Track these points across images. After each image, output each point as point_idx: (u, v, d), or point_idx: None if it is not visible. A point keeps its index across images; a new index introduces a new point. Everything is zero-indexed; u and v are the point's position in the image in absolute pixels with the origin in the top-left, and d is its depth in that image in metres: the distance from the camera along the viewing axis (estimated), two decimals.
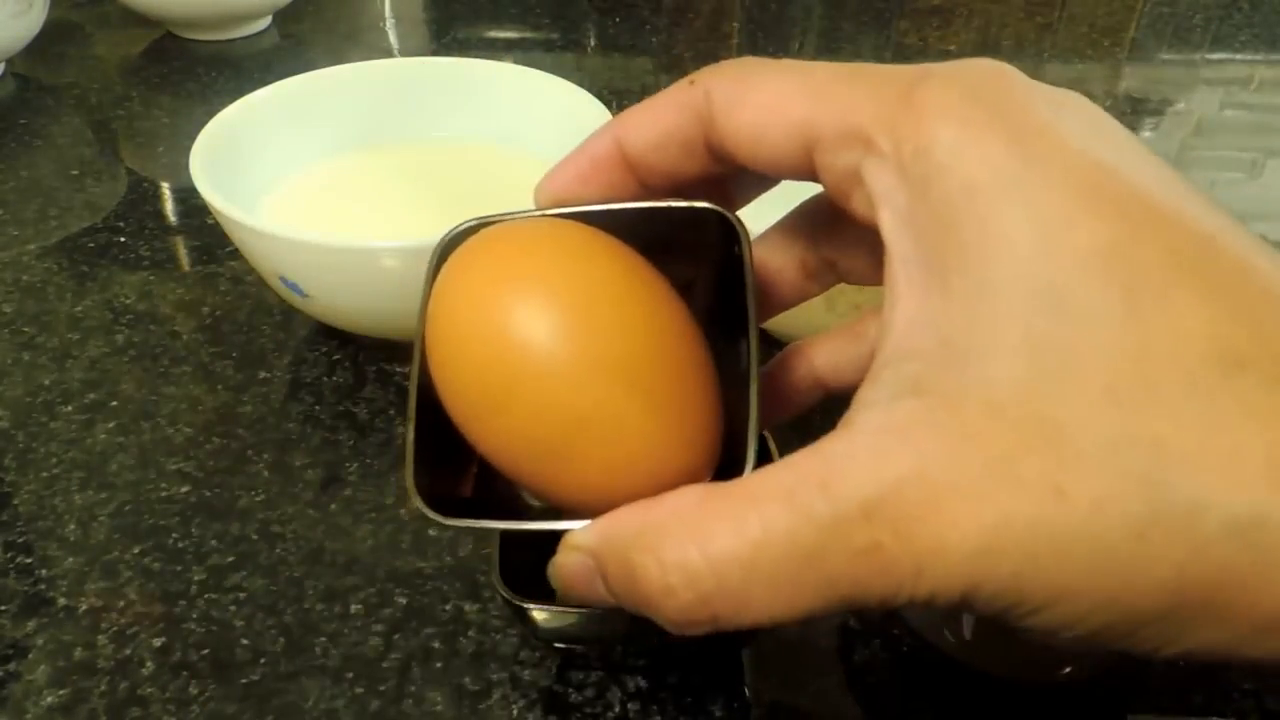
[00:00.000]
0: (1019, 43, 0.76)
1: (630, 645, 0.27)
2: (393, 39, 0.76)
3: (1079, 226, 0.15)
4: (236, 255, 0.46)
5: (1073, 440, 0.14)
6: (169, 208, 0.52)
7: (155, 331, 0.42)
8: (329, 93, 0.46)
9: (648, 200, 0.22)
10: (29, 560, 0.32)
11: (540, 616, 0.26)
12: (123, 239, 0.48)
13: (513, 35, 0.76)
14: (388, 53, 0.73)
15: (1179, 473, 0.14)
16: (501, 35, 0.76)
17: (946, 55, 0.73)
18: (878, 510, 0.15)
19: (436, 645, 0.29)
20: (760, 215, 0.23)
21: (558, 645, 0.28)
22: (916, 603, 0.15)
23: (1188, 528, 0.14)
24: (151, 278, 0.45)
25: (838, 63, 0.18)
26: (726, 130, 0.19)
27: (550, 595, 0.30)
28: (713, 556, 0.16)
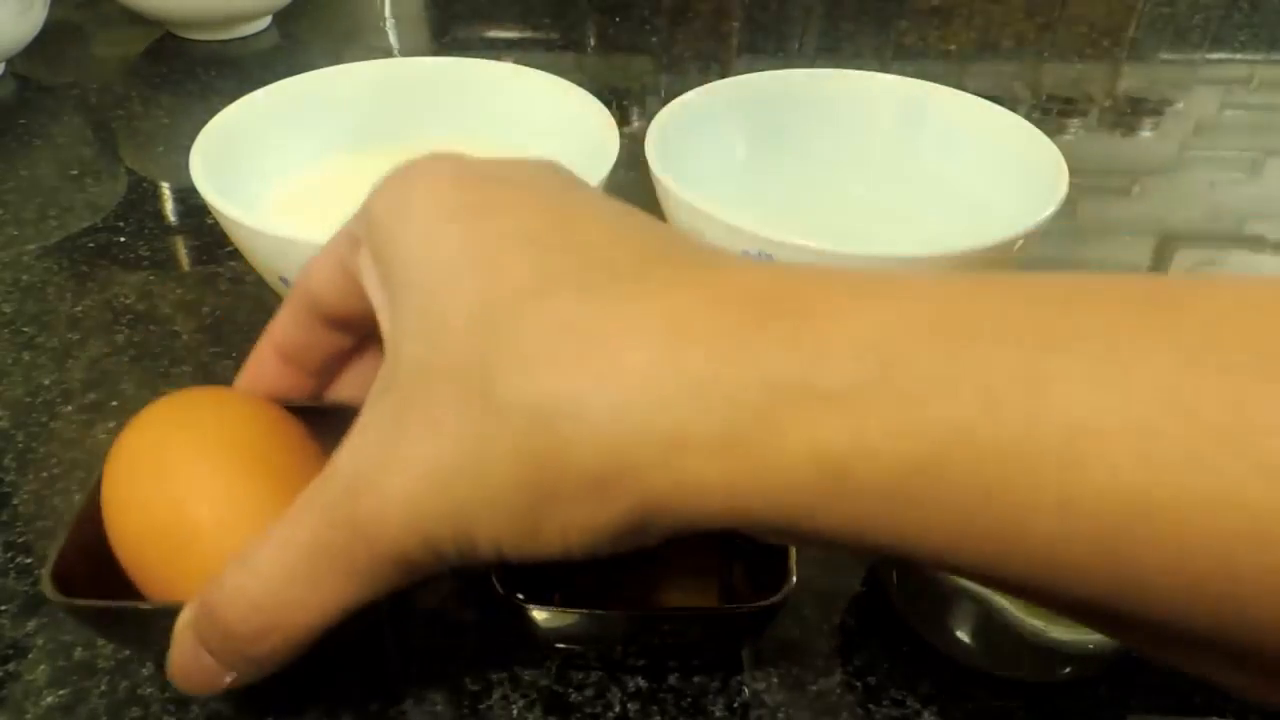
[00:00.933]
0: (1019, 43, 0.76)
1: (630, 645, 0.27)
2: (392, 39, 0.76)
3: (447, 243, 0.18)
4: (236, 255, 0.46)
5: (442, 389, 0.17)
6: (169, 208, 0.52)
7: (155, 331, 0.42)
8: (329, 92, 0.46)
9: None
10: (29, 560, 0.32)
11: (540, 616, 0.26)
12: (123, 239, 0.48)
13: (513, 35, 0.76)
14: (387, 53, 0.73)
15: (516, 384, 0.16)
16: (501, 35, 0.76)
17: (947, 55, 0.73)
18: (352, 496, 0.18)
19: (436, 645, 0.29)
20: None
21: (558, 645, 0.28)
22: (441, 562, 0.18)
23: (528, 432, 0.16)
24: (151, 278, 0.45)
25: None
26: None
27: (550, 595, 0.30)
28: (256, 568, 0.19)
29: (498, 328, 0.17)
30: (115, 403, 0.38)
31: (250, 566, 0.19)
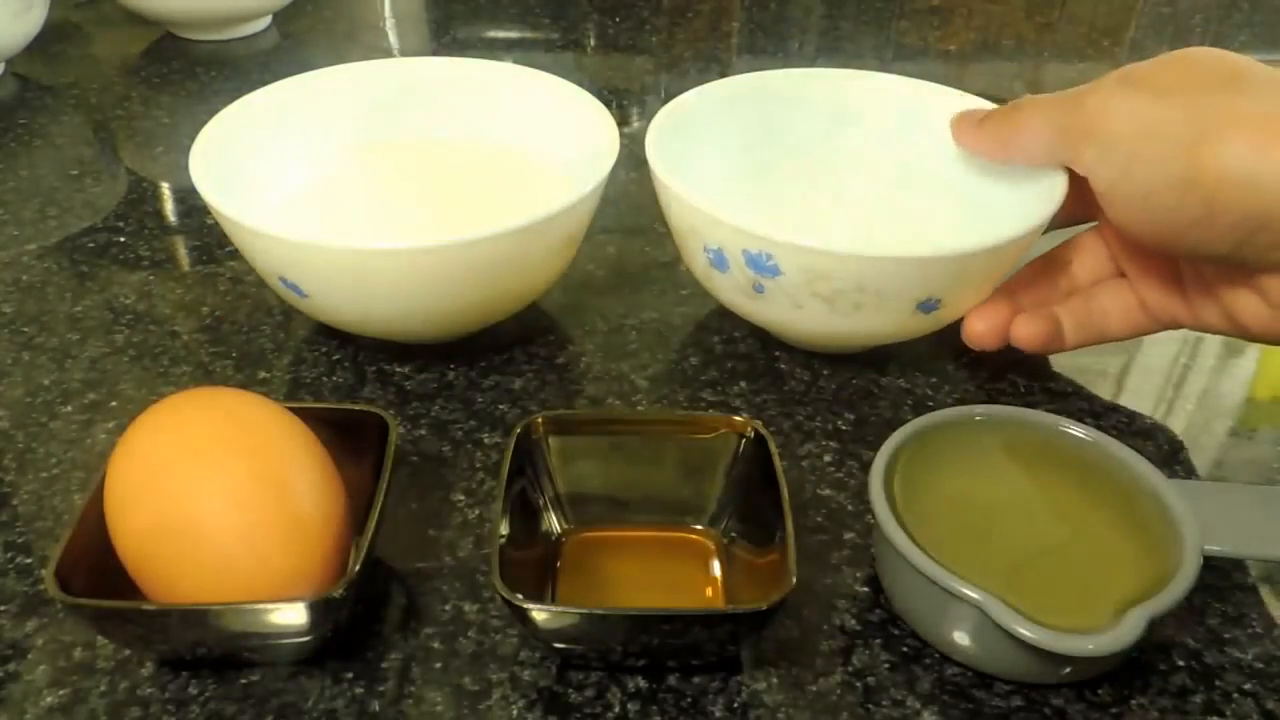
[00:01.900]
0: (1019, 43, 0.76)
1: (630, 645, 0.27)
2: (393, 39, 0.76)
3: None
4: (236, 255, 0.46)
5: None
6: (169, 208, 0.52)
7: (155, 331, 0.42)
8: (329, 92, 0.46)
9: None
10: (29, 560, 0.32)
11: (540, 616, 0.26)
12: (123, 239, 0.48)
13: (513, 35, 0.76)
14: (388, 53, 0.73)
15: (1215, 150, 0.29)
16: (501, 35, 0.76)
17: (946, 55, 0.73)
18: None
19: (436, 645, 0.29)
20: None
21: (558, 645, 0.28)
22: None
23: None
24: (151, 278, 0.45)
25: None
26: None
27: (550, 595, 0.30)
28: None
29: (1205, 114, 0.28)
30: (115, 403, 0.38)
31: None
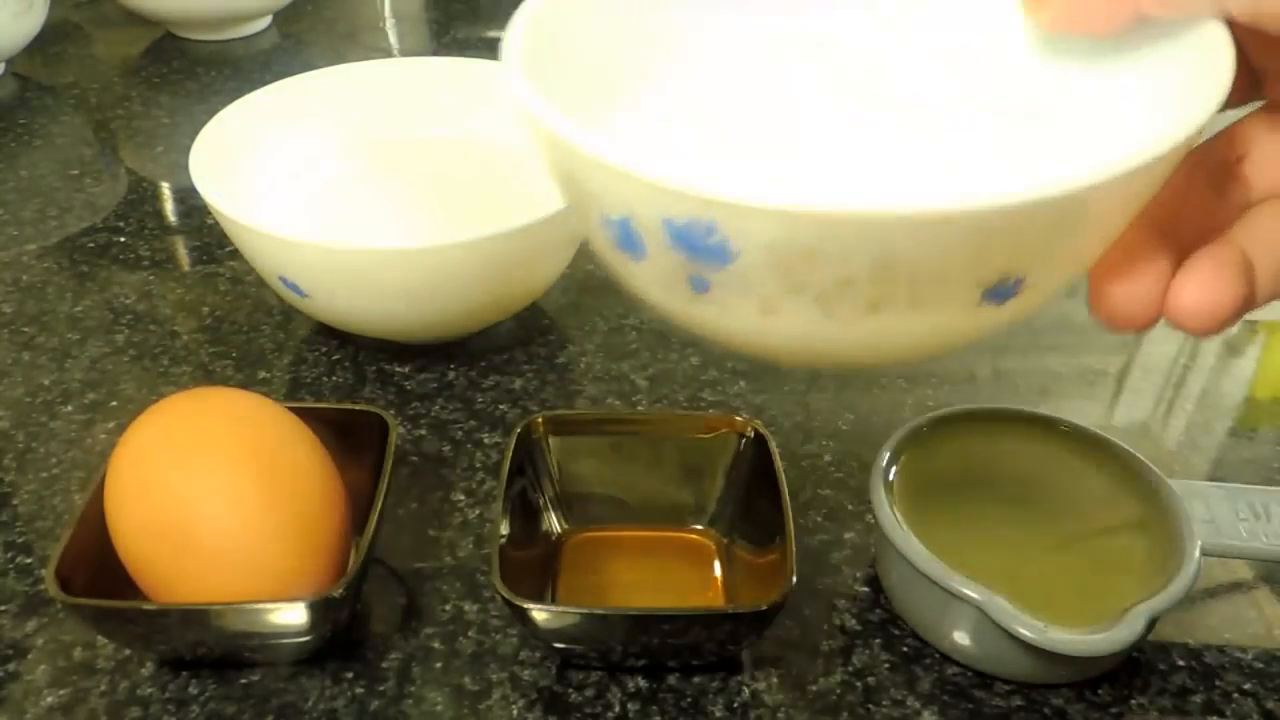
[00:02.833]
0: None
1: (630, 645, 0.27)
2: (393, 39, 0.76)
3: None
4: (236, 255, 0.46)
5: None
6: (169, 208, 0.52)
7: (155, 331, 0.42)
8: (329, 93, 0.46)
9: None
10: (29, 560, 0.32)
11: (540, 616, 0.26)
12: (123, 239, 0.48)
13: None
14: (388, 53, 0.73)
15: None
16: (501, 35, 0.76)
17: None
18: None
19: (436, 645, 0.29)
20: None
21: (558, 645, 0.28)
22: None
23: None
24: (151, 278, 0.45)
25: None
26: None
27: (550, 595, 0.30)
28: None
29: None
30: (115, 403, 0.38)
31: None
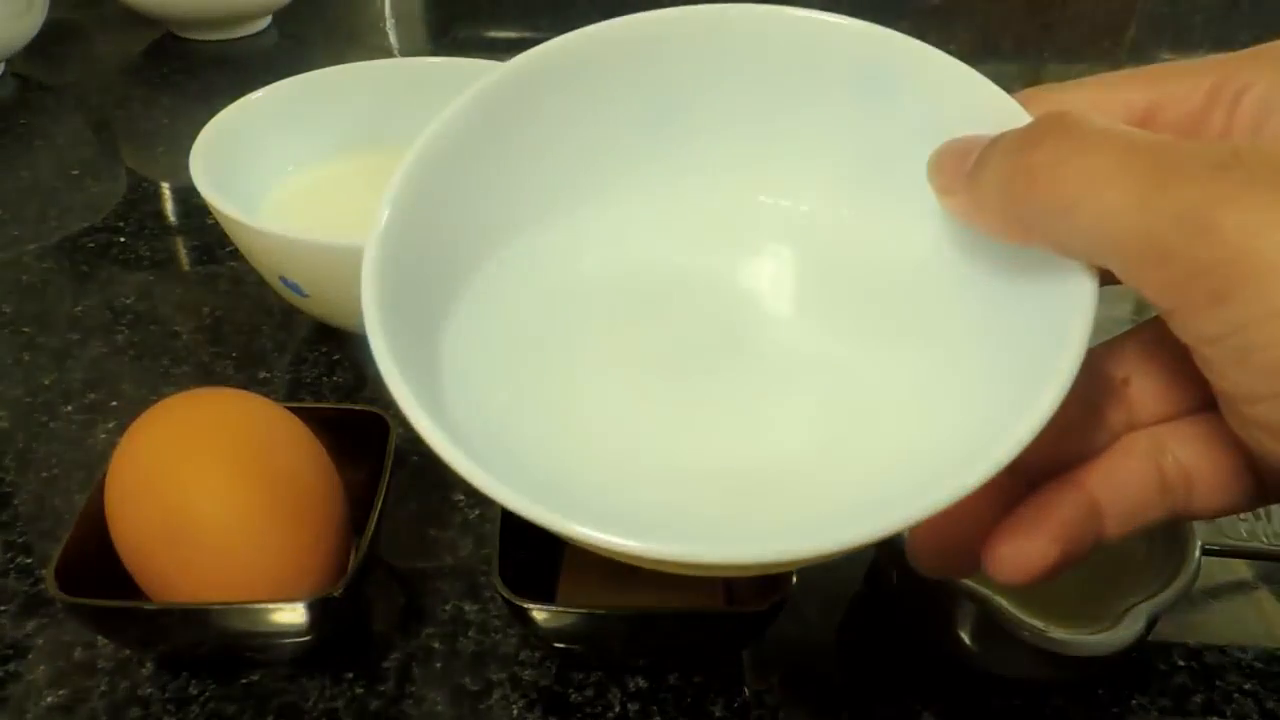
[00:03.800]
0: (1019, 43, 0.76)
1: (630, 645, 0.27)
2: (393, 39, 0.76)
3: None
4: (236, 255, 0.46)
5: None
6: (169, 208, 0.52)
7: (155, 331, 0.42)
8: (329, 93, 0.45)
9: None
10: (29, 560, 0.32)
11: (540, 616, 0.26)
12: (123, 239, 0.48)
13: (513, 35, 0.76)
14: (388, 53, 0.73)
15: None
16: (501, 35, 0.76)
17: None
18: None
19: (436, 645, 0.29)
20: None
21: (558, 645, 0.28)
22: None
23: None
24: (151, 278, 0.45)
25: None
26: None
27: (550, 595, 0.30)
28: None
29: None
30: (115, 403, 0.38)
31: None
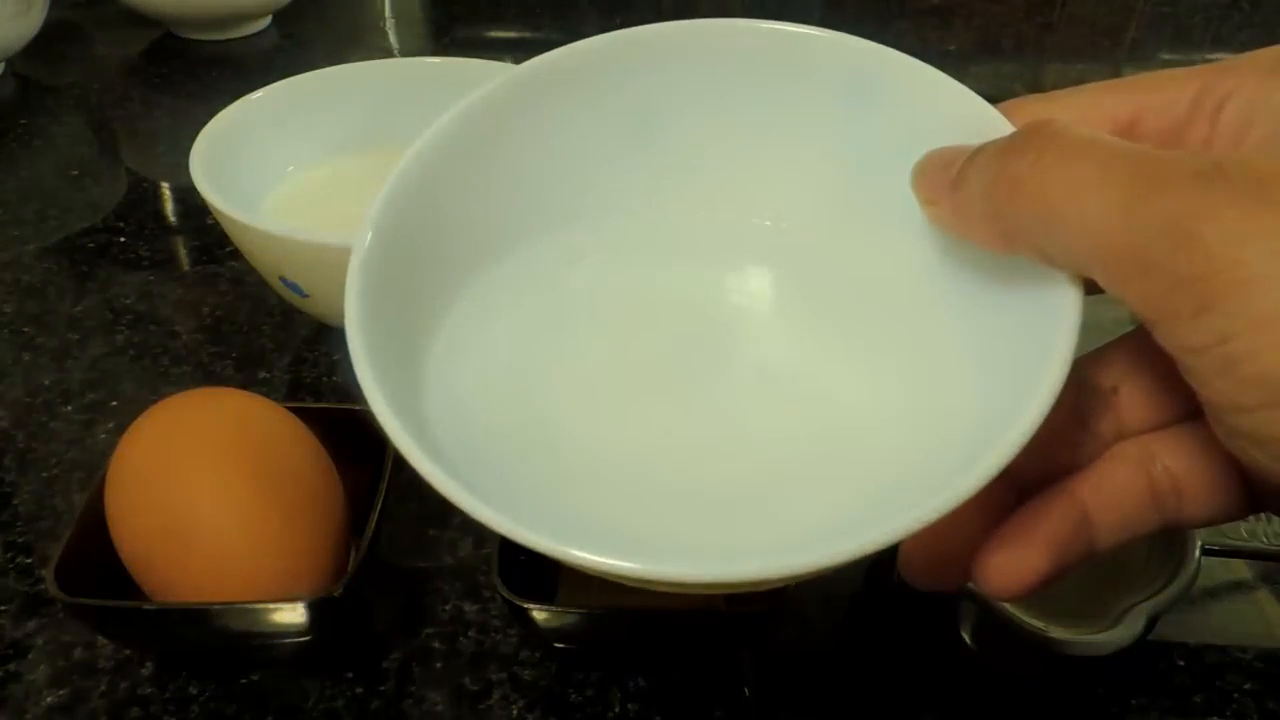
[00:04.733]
0: (1019, 43, 0.76)
1: (630, 645, 0.27)
2: (393, 39, 0.76)
3: None
4: (236, 255, 0.46)
5: None
6: (169, 208, 0.52)
7: (155, 331, 0.42)
8: (329, 93, 0.45)
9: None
10: (29, 560, 0.32)
11: (540, 616, 0.26)
12: (123, 239, 0.48)
13: (513, 35, 0.76)
14: (388, 53, 0.73)
15: None
16: (501, 35, 0.76)
17: (946, 55, 0.73)
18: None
19: (436, 645, 0.29)
20: None
21: (558, 645, 0.28)
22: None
23: None
24: (151, 278, 0.45)
25: None
26: None
27: (550, 595, 0.30)
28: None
29: None
30: (115, 403, 0.38)
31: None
